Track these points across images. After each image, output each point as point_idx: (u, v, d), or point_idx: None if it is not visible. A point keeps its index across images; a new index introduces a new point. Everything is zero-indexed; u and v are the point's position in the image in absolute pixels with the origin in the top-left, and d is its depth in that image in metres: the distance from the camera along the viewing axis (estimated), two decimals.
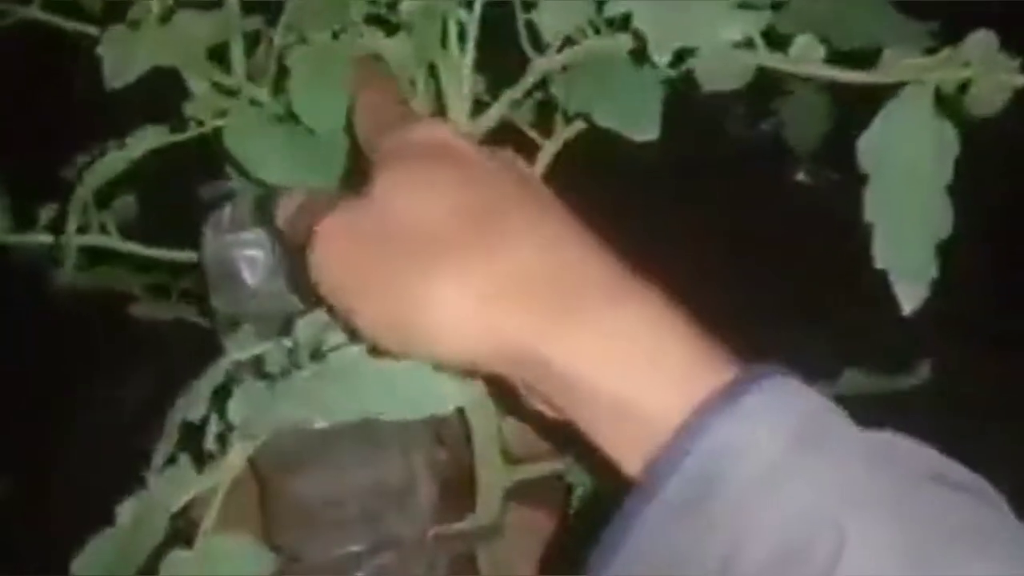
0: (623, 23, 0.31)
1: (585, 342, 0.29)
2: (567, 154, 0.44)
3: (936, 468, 0.28)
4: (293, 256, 0.35)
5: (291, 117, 0.35)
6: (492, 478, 0.49)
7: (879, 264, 0.27)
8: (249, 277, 0.45)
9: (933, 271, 0.27)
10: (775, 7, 0.32)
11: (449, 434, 0.54)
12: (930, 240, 0.27)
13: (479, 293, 0.29)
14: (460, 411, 0.51)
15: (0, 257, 0.49)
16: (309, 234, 0.32)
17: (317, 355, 0.29)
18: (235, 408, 0.29)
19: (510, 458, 0.52)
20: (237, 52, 0.42)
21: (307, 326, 0.31)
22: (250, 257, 0.45)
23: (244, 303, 0.44)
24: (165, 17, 0.36)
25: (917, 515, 0.26)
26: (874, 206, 0.27)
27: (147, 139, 0.36)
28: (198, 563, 0.28)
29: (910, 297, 0.27)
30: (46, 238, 0.45)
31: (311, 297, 0.33)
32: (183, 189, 0.47)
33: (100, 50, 0.34)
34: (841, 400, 0.28)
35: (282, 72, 0.37)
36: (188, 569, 0.28)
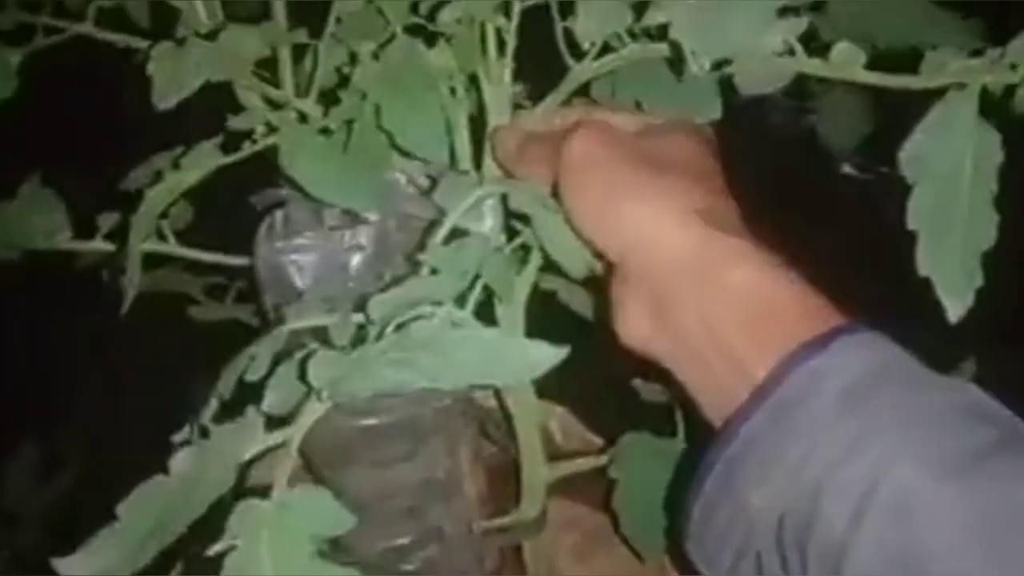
0: (661, 32, 0.30)
1: (749, 258, 0.35)
2: None
3: (1011, 432, 0.30)
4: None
5: (340, 132, 0.35)
6: (536, 473, 0.49)
7: (922, 272, 0.26)
8: (299, 281, 0.45)
9: (978, 281, 0.26)
10: (813, 7, 0.31)
11: (493, 429, 0.54)
12: (974, 250, 0.25)
13: (684, 204, 0.36)
14: (503, 407, 0.51)
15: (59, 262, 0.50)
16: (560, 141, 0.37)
17: (398, 327, 0.28)
18: (316, 371, 0.28)
19: (553, 453, 0.51)
20: (286, 67, 0.42)
21: (380, 304, 0.30)
22: (300, 262, 0.45)
23: (292, 310, 0.44)
24: (211, 34, 0.36)
25: (987, 484, 0.28)
26: (917, 214, 0.26)
27: (202, 161, 0.36)
28: (276, 514, 0.26)
29: (955, 306, 0.26)
30: (107, 246, 0.46)
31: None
32: (236, 194, 0.47)
33: (150, 69, 0.34)
34: None
35: (338, 86, 0.36)
36: (264, 520, 0.26)
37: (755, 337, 0.33)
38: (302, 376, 0.29)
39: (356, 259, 0.46)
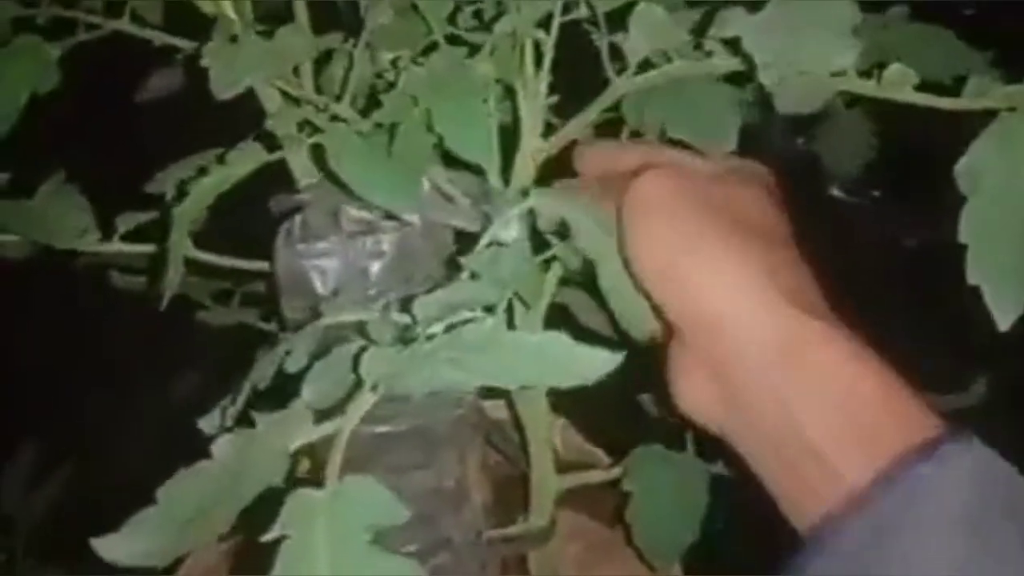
0: (728, 46, 0.31)
1: (836, 344, 0.32)
2: None
3: None
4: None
5: (381, 134, 0.35)
6: (546, 484, 0.49)
7: (972, 281, 0.27)
8: (320, 286, 0.44)
9: None
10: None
11: (502, 439, 0.54)
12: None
13: (765, 273, 0.33)
14: (515, 417, 0.51)
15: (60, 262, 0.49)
16: (624, 182, 0.36)
17: (448, 328, 0.28)
18: (370, 365, 0.28)
19: (561, 465, 0.51)
20: (307, 70, 0.42)
21: (426, 305, 0.30)
22: (321, 267, 0.44)
23: (316, 312, 0.43)
24: (266, 33, 0.36)
25: None
26: (970, 227, 0.27)
27: (247, 158, 0.36)
28: (329, 504, 0.26)
29: (1005, 313, 0.27)
30: (127, 247, 0.45)
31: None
32: (245, 199, 0.47)
33: (204, 62, 0.34)
34: None
35: (375, 91, 0.37)
36: (318, 510, 0.26)
37: (849, 438, 0.31)
38: (355, 369, 0.29)
39: (377, 265, 0.46)
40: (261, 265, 0.49)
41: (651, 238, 0.35)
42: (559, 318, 0.49)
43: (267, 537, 0.25)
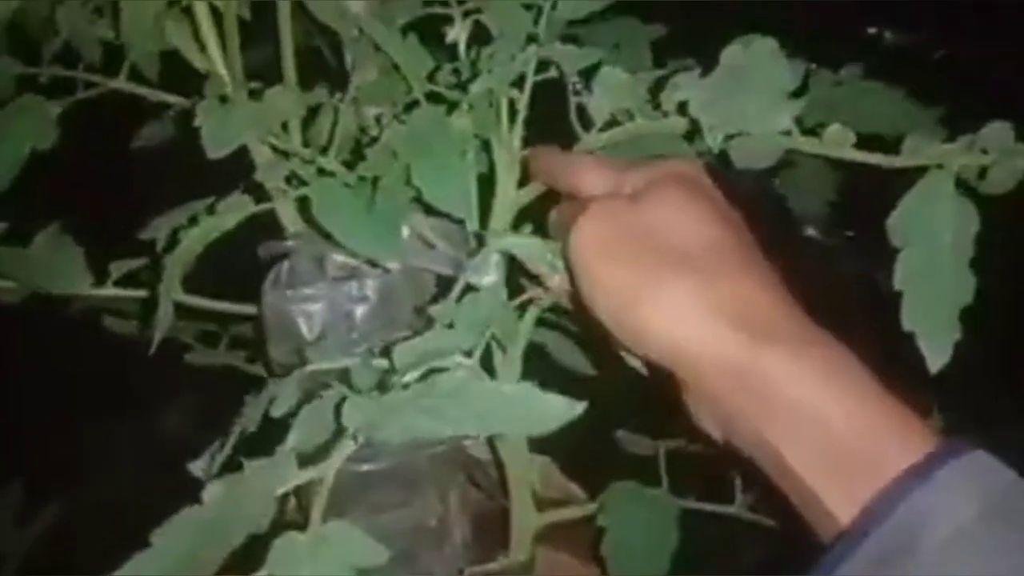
0: (679, 108, 0.33)
1: (788, 362, 0.31)
2: None
3: None
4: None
5: (364, 186, 0.37)
6: (525, 520, 0.50)
7: (906, 327, 0.29)
8: (306, 331, 0.46)
9: (956, 335, 0.29)
10: (796, 94, 0.35)
11: (482, 476, 0.55)
12: (954, 306, 0.29)
13: (709, 307, 0.33)
14: (494, 454, 0.52)
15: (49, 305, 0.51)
16: (573, 219, 0.36)
17: (423, 377, 0.30)
18: (351, 414, 0.29)
19: (541, 501, 0.53)
20: (296, 124, 0.44)
21: (404, 353, 0.32)
22: (308, 311, 0.46)
23: (301, 355, 0.45)
24: (256, 93, 0.38)
25: None
26: (904, 276, 0.29)
27: (236, 209, 0.38)
28: (313, 547, 0.27)
29: (936, 357, 0.29)
30: (119, 292, 0.47)
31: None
32: (233, 244, 0.49)
33: (197, 122, 0.36)
34: None
35: (359, 144, 0.39)
36: (304, 553, 0.27)
37: (829, 469, 0.30)
38: (337, 417, 0.31)
39: (361, 310, 0.48)
40: (248, 309, 0.51)
41: (599, 287, 0.35)
42: (537, 358, 0.51)
43: None
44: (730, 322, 0.32)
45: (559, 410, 0.28)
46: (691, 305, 0.33)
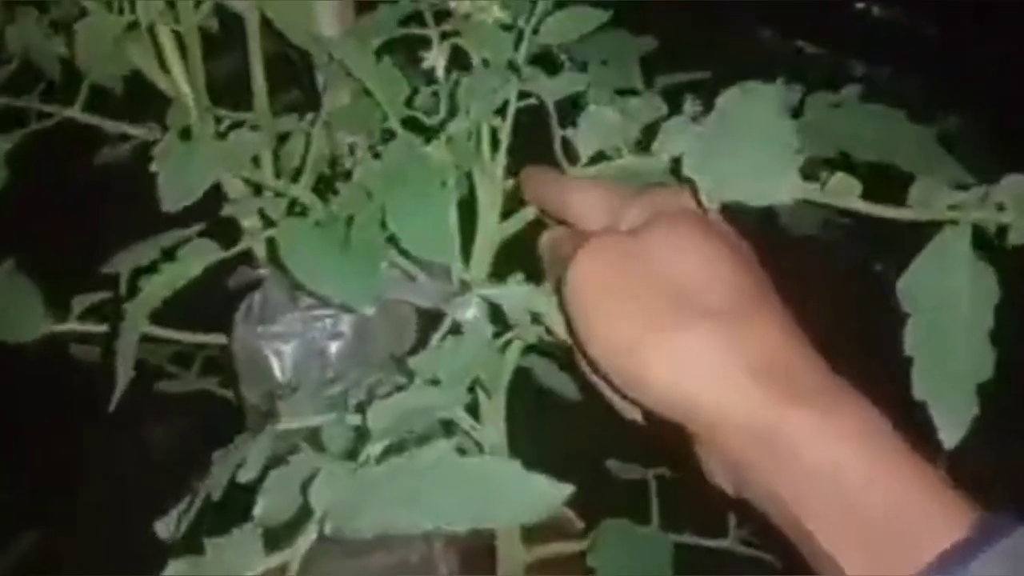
0: (672, 166, 0.31)
1: (811, 423, 0.29)
2: None
3: None
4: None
5: (338, 224, 0.35)
6: (514, 556, 0.49)
7: (918, 396, 0.27)
8: (279, 372, 0.44)
9: (974, 410, 0.27)
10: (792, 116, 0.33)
11: None
12: (971, 380, 0.26)
13: (724, 356, 0.30)
14: None
15: None
16: (568, 254, 0.33)
17: (396, 449, 0.28)
18: (319, 495, 0.27)
19: (532, 533, 0.51)
20: (267, 152, 0.41)
21: (381, 413, 0.30)
22: (280, 350, 0.44)
23: (275, 395, 0.43)
24: (221, 135, 0.36)
25: None
26: (914, 342, 0.27)
27: (201, 254, 0.35)
28: None
29: (950, 432, 0.27)
30: (82, 327, 0.45)
31: None
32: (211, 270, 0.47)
33: (155, 168, 0.34)
34: None
35: (333, 176, 0.36)
36: None
37: (861, 543, 0.28)
38: (303, 495, 0.28)
39: (335, 346, 0.46)
40: (219, 339, 0.49)
41: (599, 332, 0.32)
42: (522, 383, 0.49)
43: None
44: (749, 374, 0.30)
45: (547, 495, 0.26)
46: (703, 353, 0.30)
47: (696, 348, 0.30)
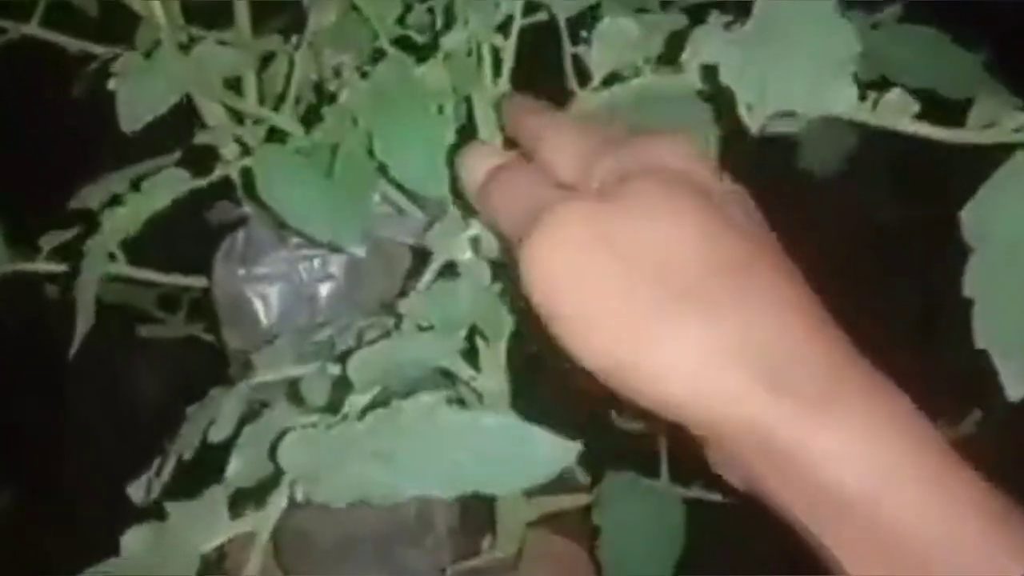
0: (703, 74, 0.27)
1: (827, 432, 0.24)
2: None
3: None
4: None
5: (321, 153, 0.31)
6: (515, 511, 0.46)
7: (980, 344, 0.24)
8: (264, 316, 0.40)
9: None
10: None
11: None
12: None
13: (719, 347, 0.25)
14: None
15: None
16: (526, 215, 0.27)
17: (382, 402, 0.24)
18: (290, 455, 0.24)
19: (531, 490, 0.48)
20: (249, 76, 0.37)
21: (363, 366, 0.26)
22: (264, 293, 0.40)
23: (258, 342, 0.40)
24: (184, 47, 0.31)
25: None
26: (977, 281, 0.23)
27: (168, 186, 0.31)
28: None
29: (1016, 382, 0.23)
30: (52, 267, 0.41)
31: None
32: (188, 205, 0.43)
33: (113, 85, 0.29)
34: None
35: (319, 101, 0.32)
36: None
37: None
38: (272, 457, 0.25)
39: (325, 290, 0.42)
40: (202, 281, 0.45)
41: (570, 322, 0.26)
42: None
43: None
44: (746, 373, 0.25)
45: (551, 456, 0.22)
46: (699, 350, 0.25)
47: (689, 342, 0.25)
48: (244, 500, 0.27)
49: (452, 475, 0.22)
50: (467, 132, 0.37)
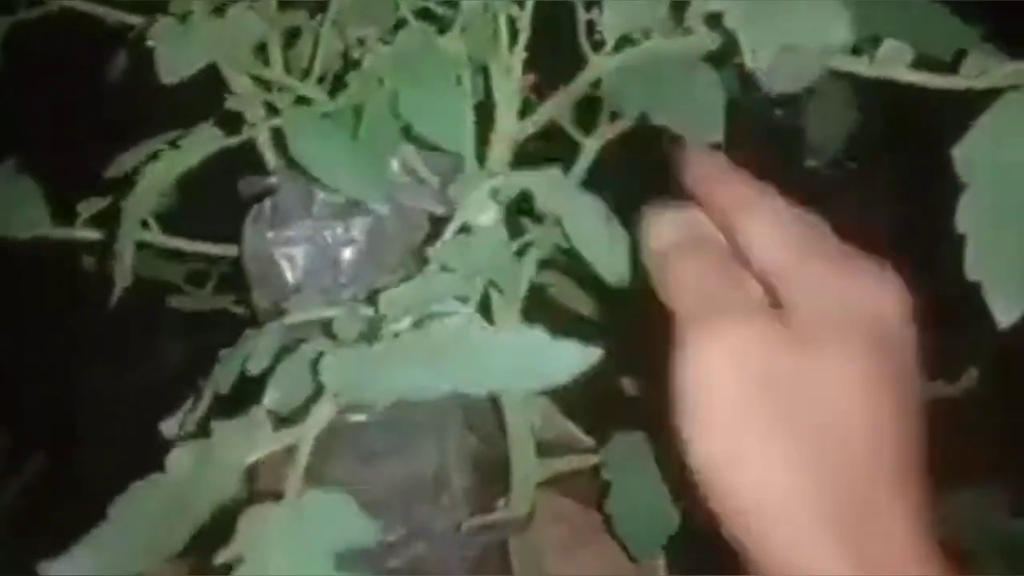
0: (709, 21, 0.28)
1: None
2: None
3: None
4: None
5: (346, 116, 0.32)
6: (527, 470, 0.47)
7: (971, 276, 0.25)
8: (290, 275, 0.42)
9: None
10: None
11: (481, 423, 0.51)
12: None
13: (834, 530, 0.25)
14: (494, 401, 0.48)
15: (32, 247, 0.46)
16: (703, 306, 0.27)
17: (416, 324, 0.25)
18: (329, 372, 0.25)
19: (542, 445, 0.49)
20: (276, 49, 0.39)
21: (393, 299, 0.27)
22: (290, 254, 0.42)
23: (286, 300, 0.41)
24: (218, 10, 0.33)
25: None
26: (969, 216, 0.24)
27: (202, 143, 0.33)
28: (288, 521, 0.23)
29: (1006, 311, 0.24)
30: (88, 234, 0.42)
31: None
32: (219, 180, 0.44)
33: (151, 43, 0.31)
34: None
35: (344, 70, 0.34)
36: (277, 527, 0.23)
37: None
38: (314, 376, 0.26)
39: (348, 253, 0.43)
40: (232, 250, 0.47)
41: (704, 438, 0.26)
42: (538, 300, 0.46)
43: (222, 559, 0.23)
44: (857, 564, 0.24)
45: (572, 358, 0.23)
46: (810, 516, 0.25)
47: (802, 505, 0.25)
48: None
49: (484, 376, 0.23)
50: (486, 103, 0.38)
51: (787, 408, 0.26)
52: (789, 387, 0.26)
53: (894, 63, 0.26)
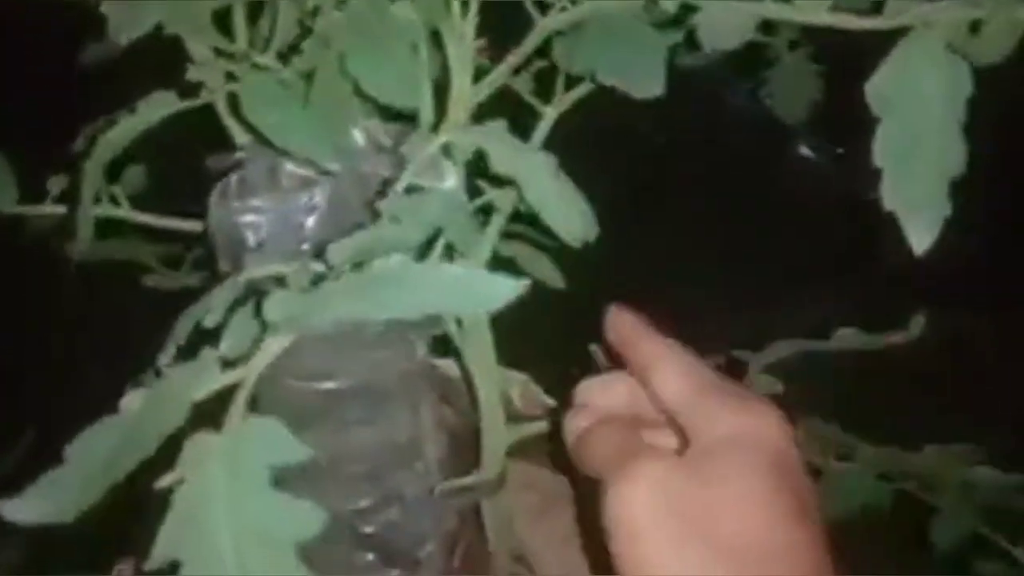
0: None
1: None
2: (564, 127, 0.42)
3: None
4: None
5: (298, 82, 0.33)
6: (496, 435, 0.48)
7: (888, 206, 0.25)
8: (253, 241, 0.42)
9: (946, 210, 0.25)
10: None
11: (453, 392, 0.52)
12: (943, 177, 0.25)
13: None
14: (465, 372, 0.49)
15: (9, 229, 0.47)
16: (616, 461, 0.32)
17: (357, 267, 0.26)
18: (273, 307, 0.26)
19: (513, 415, 0.50)
20: (240, 21, 0.40)
21: (340, 249, 0.28)
22: (254, 222, 0.43)
23: (248, 265, 0.42)
24: None
25: None
26: (884, 148, 0.25)
27: (159, 106, 0.34)
28: (227, 445, 0.24)
29: (922, 237, 0.25)
30: (57, 210, 0.43)
31: None
32: (192, 158, 0.45)
33: (105, 7, 0.32)
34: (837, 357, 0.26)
35: (300, 38, 0.34)
36: (215, 452, 0.24)
37: None
38: (257, 314, 0.27)
39: (311, 219, 0.44)
40: (199, 227, 0.47)
41: (636, 551, 0.30)
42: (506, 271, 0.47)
43: (163, 482, 0.24)
44: None
45: (503, 288, 0.24)
46: None
47: None
48: None
49: (420, 303, 0.24)
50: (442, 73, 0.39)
51: (699, 527, 0.29)
52: (699, 508, 0.30)
53: (814, 9, 0.27)
